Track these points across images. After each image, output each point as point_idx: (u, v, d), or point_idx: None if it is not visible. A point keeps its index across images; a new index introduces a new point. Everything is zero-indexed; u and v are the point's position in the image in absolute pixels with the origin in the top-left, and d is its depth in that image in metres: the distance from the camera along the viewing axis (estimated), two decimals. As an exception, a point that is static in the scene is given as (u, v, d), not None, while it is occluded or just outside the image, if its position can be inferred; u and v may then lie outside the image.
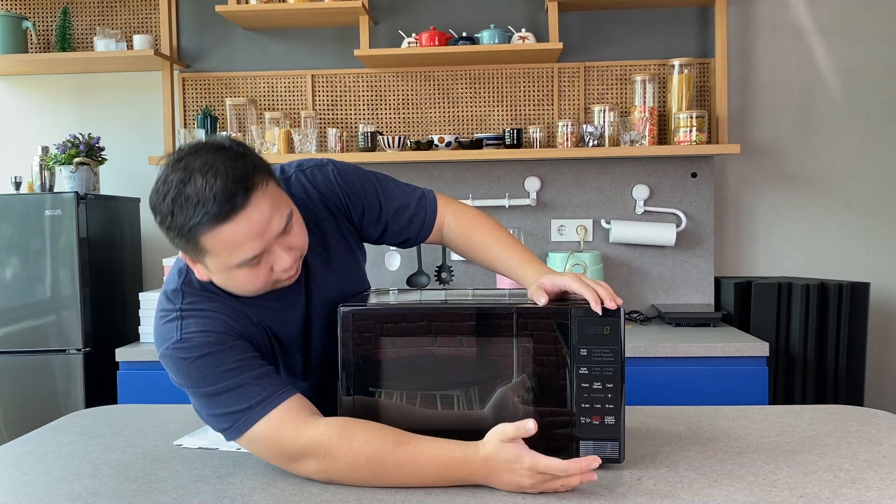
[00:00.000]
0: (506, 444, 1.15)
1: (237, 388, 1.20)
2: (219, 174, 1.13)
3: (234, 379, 1.20)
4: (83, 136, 2.99)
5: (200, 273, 1.25)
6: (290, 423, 1.19)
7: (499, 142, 3.02)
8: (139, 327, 2.74)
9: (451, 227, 1.49)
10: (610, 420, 1.24)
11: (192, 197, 1.14)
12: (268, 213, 1.17)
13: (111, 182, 3.24)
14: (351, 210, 1.42)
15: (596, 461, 1.13)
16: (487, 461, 1.15)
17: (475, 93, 3.15)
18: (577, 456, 1.24)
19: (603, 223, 3.12)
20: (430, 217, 1.48)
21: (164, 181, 1.18)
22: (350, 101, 3.18)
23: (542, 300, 1.25)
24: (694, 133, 2.90)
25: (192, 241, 1.17)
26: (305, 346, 1.39)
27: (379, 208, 1.44)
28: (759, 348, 2.49)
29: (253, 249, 1.17)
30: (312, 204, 1.37)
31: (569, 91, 3.13)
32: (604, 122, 3.00)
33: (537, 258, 1.43)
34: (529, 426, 1.14)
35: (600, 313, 1.22)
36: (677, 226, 3.07)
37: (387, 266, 3.14)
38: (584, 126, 2.99)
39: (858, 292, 2.81)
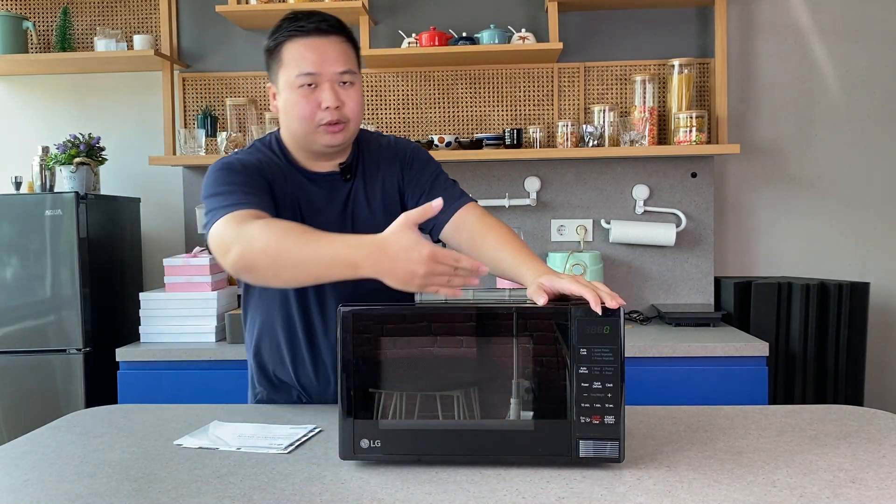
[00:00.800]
0: (406, 231, 1.15)
1: (228, 193, 1.40)
2: (315, 17, 1.49)
3: (231, 188, 1.41)
4: (83, 136, 2.99)
5: (274, 106, 1.55)
6: (234, 221, 1.34)
7: (499, 142, 3.02)
8: (139, 327, 2.74)
9: (473, 225, 1.57)
10: (610, 420, 1.24)
11: (291, 19, 1.51)
12: (333, 53, 1.48)
13: (111, 182, 3.24)
14: (406, 171, 1.63)
15: (481, 270, 1.19)
16: (384, 244, 1.16)
17: (475, 93, 3.15)
18: (578, 457, 1.25)
19: (603, 223, 3.12)
20: (454, 207, 1.58)
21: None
22: (350, 101, 3.18)
23: (541, 300, 1.25)
24: (694, 133, 2.90)
25: (277, 53, 1.50)
26: None
27: (427, 182, 1.62)
28: (758, 348, 2.49)
29: (311, 66, 1.46)
30: (388, 149, 1.64)
31: (569, 91, 3.13)
32: (604, 122, 3.00)
33: (541, 261, 1.45)
34: (435, 204, 1.18)
35: (600, 313, 1.22)
36: (677, 226, 3.07)
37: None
38: (584, 126, 2.99)
39: (858, 292, 2.81)
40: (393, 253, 1.15)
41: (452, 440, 1.26)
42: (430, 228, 1.61)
